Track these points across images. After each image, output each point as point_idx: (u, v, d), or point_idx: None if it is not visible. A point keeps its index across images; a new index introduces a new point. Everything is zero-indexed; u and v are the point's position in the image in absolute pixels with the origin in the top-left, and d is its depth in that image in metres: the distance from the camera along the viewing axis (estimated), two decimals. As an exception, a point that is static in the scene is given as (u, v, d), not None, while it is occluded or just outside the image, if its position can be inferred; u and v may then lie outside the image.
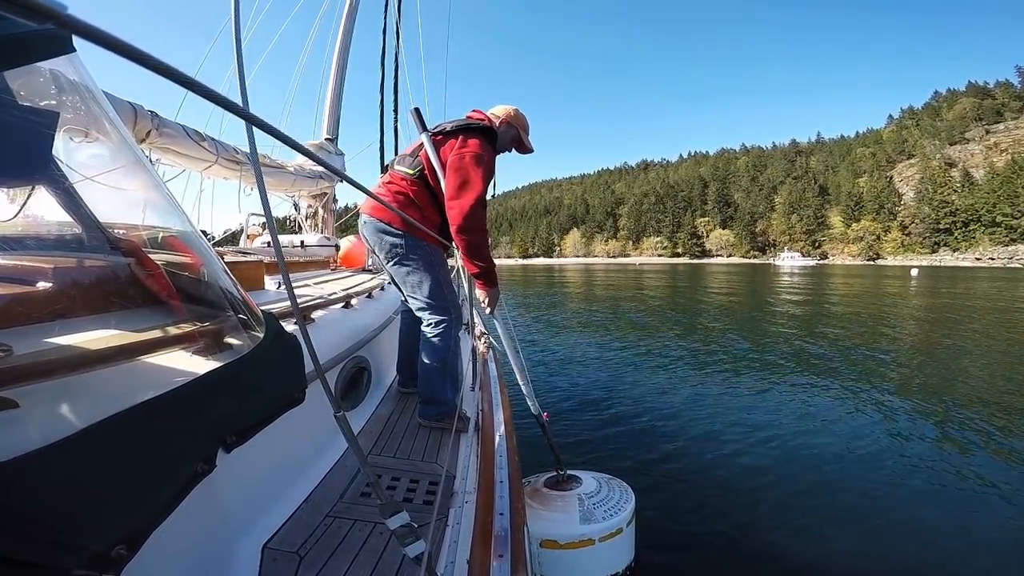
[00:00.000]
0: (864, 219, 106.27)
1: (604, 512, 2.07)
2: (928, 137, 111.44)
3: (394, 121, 6.98)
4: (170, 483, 0.76)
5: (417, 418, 2.00)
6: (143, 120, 2.70)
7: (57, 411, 0.68)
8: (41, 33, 0.71)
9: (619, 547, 2.07)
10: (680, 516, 2.84)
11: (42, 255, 0.87)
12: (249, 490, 1.14)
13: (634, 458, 3.65)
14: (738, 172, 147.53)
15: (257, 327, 1.04)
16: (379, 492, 0.74)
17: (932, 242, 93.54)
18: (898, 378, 6.16)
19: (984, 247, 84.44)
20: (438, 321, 1.92)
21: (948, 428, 4.29)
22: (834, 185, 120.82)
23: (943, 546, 2.60)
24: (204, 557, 0.94)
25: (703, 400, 5.20)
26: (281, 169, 4.44)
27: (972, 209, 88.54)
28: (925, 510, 2.97)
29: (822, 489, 3.21)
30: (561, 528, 1.98)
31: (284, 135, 0.52)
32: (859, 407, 4.88)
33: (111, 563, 0.62)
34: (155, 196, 0.96)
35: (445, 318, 1.93)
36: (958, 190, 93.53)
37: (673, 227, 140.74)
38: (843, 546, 2.58)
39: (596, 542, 1.97)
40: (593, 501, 2.13)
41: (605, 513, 2.06)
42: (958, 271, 50.03)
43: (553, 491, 2.20)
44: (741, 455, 3.74)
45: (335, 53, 5.90)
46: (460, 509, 1.30)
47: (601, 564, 2.03)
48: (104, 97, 0.91)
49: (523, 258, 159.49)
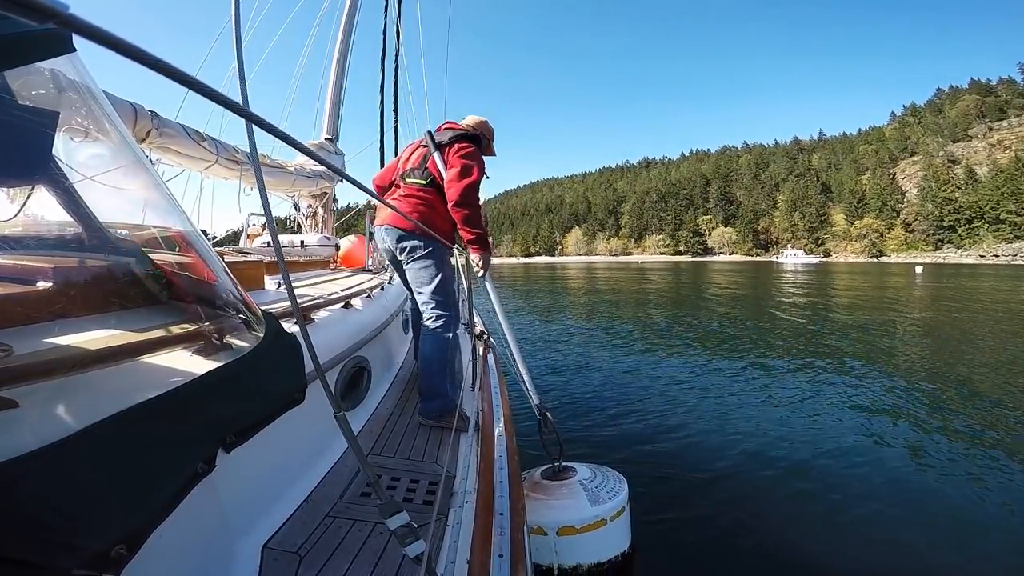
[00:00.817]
0: (867, 216, 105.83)
1: (607, 494, 2.13)
2: (931, 134, 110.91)
3: (394, 121, 6.97)
4: (170, 483, 0.76)
5: (417, 417, 2.05)
6: (143, 120, 2.70)
7: (57, 411, 0.68)
8: (42, 33, 0.71)
9: (623, 527, 2.16)
10: (672, 503, 2.95)
11: (42, 255, 0.87)
12: (249, 490, 1.14)
13: (627, 451, 3.75)
14: (740, 170, 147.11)
15: (257, 327, 1.04)
16: (379, 492, 0.74)
17: (936, 239, 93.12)
18: (910, 372, 6.15)
19: (988, 244, 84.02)
20: (440, 315, 2.12)
21: (969, 424, 4.29)
22: (837, 182, 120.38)
23: (942, 536, 2.62)
24: (204, 557, 0.94)
25: (706, 393, 5.20)
26: (281, 169, 4.45)
27: (976, 206, 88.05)
28: (922, 493, 3.08)
29: (820, 476, 3.27)
30: (575, 513, 2.04)
31: (284, 134, 0.52)
32: (866, 402, 4.87)
33: (111, 563, 0.62)
34: (155, 196, 0.96)
35: (447, 313, 2.13)
36: (962, 187, 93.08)
37: (675, 225, 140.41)
38: (837, 531, 2.64)
39: (607, 522, 2.04)
40: (594, 485, 2.19)
41: (608, 495, 2.12)
42: (962, 268, 49.76)
43: (554, 481, 2.24)
44: (736, 447, 3.79)
45: (335, 53, 5.90)
46: (460, 509, 1.30)
47: (611, 544, 2.11)
48: (104, 97, 0.91)
49: (525, 257, 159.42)
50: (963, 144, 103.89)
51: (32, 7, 0.21)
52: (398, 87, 7.12)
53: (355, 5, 6.13)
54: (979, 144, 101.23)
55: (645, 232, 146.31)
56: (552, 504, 2.10)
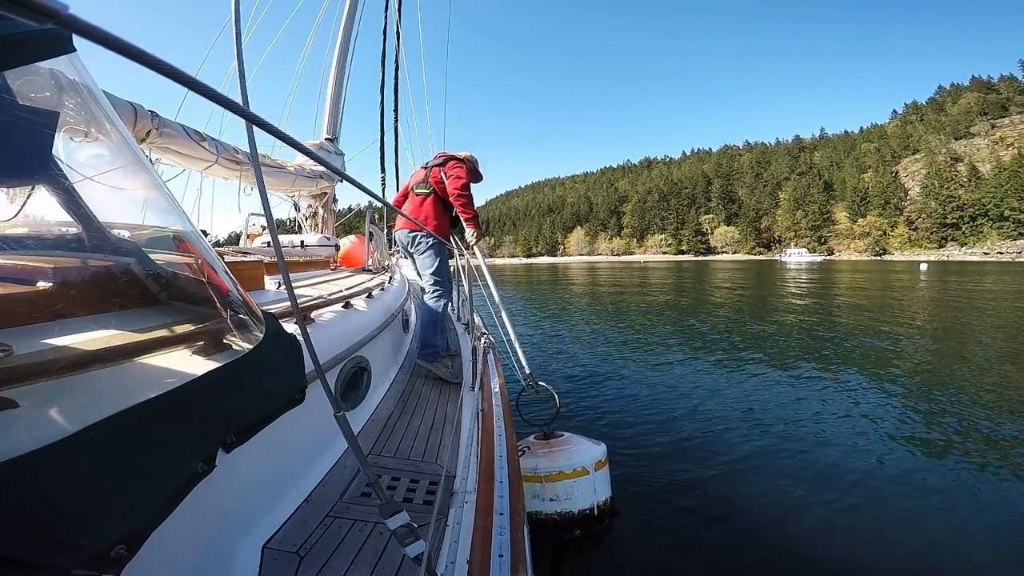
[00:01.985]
0: (870, 214, 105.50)
1: (589, 450, 2.57)
2: (933, 132, 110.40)
3: (394, 121, 6.99)
4: (170, 483, 0.76)
5: (417, 360, 2.84)
6: (143, 120, 2.70)
7: (57, 411, 0.68)
8: (41, 33, 0.71)
9: (604, 480, 2.58)
10: (650, 468, 3.39)
11: (42, 255, 0.87)
12: (249, 490, 1.14)
13: (619, 426, 4.22)
14: (742, 169, 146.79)
15: (257, 327, 1.04)
16: (379, 492, 0.74)
17: (939, 237, 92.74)
18: (929, 370, 6.09)
19: (992, 241, 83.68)
20: (436, 291, 3.00)
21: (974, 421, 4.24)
22: (839, 181, 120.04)
23: (940, 526, 2.65)
24: (204, 557, 0.94)
25: (705, 387, 5.19)
26: (281, 169, 4.45)
27: (979, 204, 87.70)
28: (907, 474, 3.23)
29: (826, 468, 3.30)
30: (563, 461, 2.47)
31: (284, 134, 0.52)
32: (877, 397, 4.83)
33: (111, 563, 0.62)
34: (155, 196, 0.96)
35: (442, 290, 3.01)
36: (965, 185, 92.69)
37: (677, 224, 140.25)
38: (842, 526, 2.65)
39: (590, 472, 2.48)
40: (578, 440, 2.67)
41: (589, 450, 2.57)
42: (967, 266, 49.41)
43: (550, 440, 2.66)
44: (715, 430, 4.06)
45: (335, 53, 5.90)
46: (460, 509, 1.30)
47: (592, 493, 2.52)
48: (104, 97, 0.91)
49: (527, 257, 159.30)
50: (965, 141, 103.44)
51: (32, 7, 0.21)
52: (398, 87, 7.14)
53: (355, 5, 6.13)
54: (981, 141, 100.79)
55: (647, 232, 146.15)
56: (554, 454, 2.50)
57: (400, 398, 2.34)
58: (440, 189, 3.00)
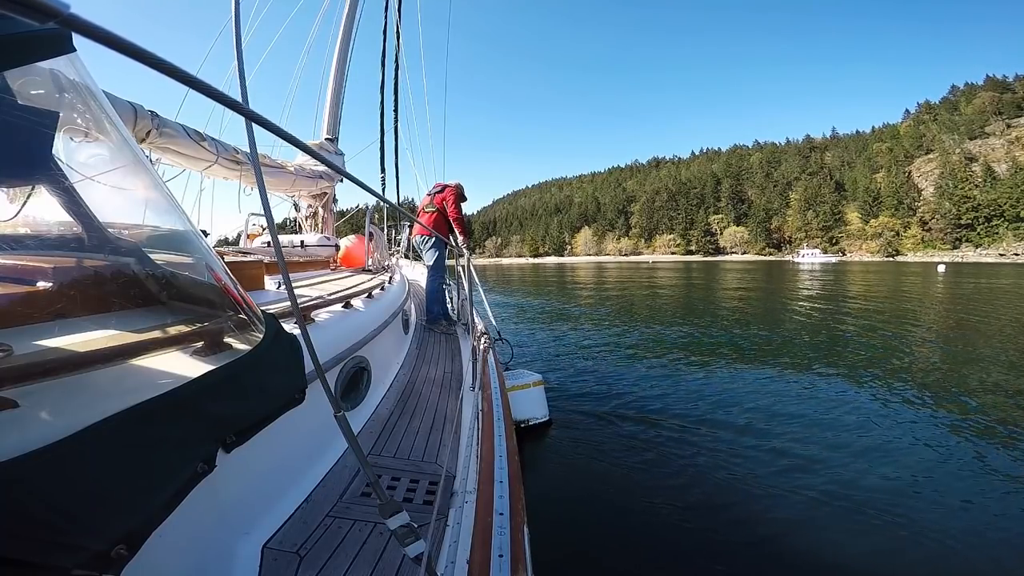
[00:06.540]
0: (883, 215, 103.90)
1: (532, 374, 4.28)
2: (947, 132, 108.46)
3: (394, 121, 6.99)
4: (170, 483, 0.76)
5: (422, 322, 4.30)
6: (143, 120, 2.70)
7: (57, 411, 0.68)
8: (42, 33, 0.71)
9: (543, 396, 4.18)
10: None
11: (42, 255, 0.87)
12: (249, 490, 1.15)
13: None
14: (751, 169, 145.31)
15: (257, 327, 1.04)
16: (379, 492, 0.73)
17: (953, 238, 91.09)
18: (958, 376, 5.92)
19: (1008, 243, 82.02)
20: (435, 272, 4.52)
21: None
22: (850, 181, 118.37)
23: (940, 523, 2.66)
24: (204, 557, 0.94)
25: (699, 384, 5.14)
26: (281, 169, 4.47)
27: (995, 204, 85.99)
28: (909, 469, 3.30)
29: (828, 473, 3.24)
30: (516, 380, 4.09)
31: (285, 132, 0.51)
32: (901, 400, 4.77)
33: (111, 563, 0.62)
34: (155, 196, 0.96)
35: (439, 273, 4.55)
36: (980, 185, 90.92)
37: (686, 224, 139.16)
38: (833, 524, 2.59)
39: (531, 386, 4.10)
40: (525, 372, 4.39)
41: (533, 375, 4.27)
42: (983, 267, 48.38)
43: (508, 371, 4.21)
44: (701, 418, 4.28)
45: (335, 53, 5.91)
46: (460, 509, 1.29)
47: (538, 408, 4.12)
48: (104, 97, 0.92)
49: (534, 257, 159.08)
50: (980, 141, 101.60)
51: (32, 7, 0.21)
52: (398, 87, 7.14)
53: (355, 5, 6.13)
54: (997, 141, 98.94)
55: (656, 232, 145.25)
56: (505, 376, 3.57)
57: (400, 398, 2.34)
58: (442, 209, 4.48)
